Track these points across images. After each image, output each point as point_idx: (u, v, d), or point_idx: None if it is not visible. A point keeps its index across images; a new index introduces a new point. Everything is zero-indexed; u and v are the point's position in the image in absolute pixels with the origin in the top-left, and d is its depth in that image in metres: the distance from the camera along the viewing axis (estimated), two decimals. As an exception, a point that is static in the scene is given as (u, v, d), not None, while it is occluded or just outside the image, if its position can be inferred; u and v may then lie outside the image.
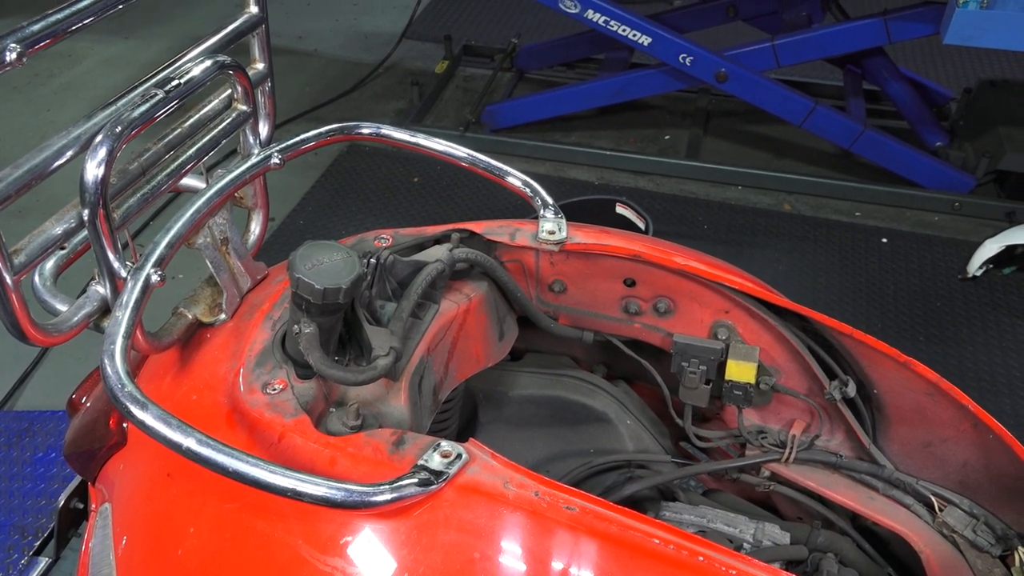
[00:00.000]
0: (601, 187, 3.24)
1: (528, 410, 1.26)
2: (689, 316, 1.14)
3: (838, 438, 1.14)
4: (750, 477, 1.16)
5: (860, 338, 1.02)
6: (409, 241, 1.10)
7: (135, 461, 1.00)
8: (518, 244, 1.11)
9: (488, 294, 1.12)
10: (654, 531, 0.74)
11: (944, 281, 2.84)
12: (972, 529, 1.03)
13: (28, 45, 0.73)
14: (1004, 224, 3.02)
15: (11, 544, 2.10)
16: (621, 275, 1.14)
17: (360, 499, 0.73)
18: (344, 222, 3.03)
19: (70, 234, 0.86)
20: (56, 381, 2.54)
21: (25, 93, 3.89)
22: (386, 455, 0.79)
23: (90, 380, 1.26)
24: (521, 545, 0.74)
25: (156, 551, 0.88)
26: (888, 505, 1.09)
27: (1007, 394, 2.45)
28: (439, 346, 1.04)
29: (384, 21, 4.35)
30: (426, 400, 0.99)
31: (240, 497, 0.81)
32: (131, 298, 0.84)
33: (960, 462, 1.04)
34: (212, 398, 0.91)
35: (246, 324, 0.98)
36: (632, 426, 1.24)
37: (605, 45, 3.53)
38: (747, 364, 1.08)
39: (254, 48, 1.07)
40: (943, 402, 1.01)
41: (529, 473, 0.78)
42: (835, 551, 1.08)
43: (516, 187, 1.15)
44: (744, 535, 1.06)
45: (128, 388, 0.76)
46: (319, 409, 0.88)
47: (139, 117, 0.83)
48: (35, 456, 2.34)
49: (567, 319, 1.20)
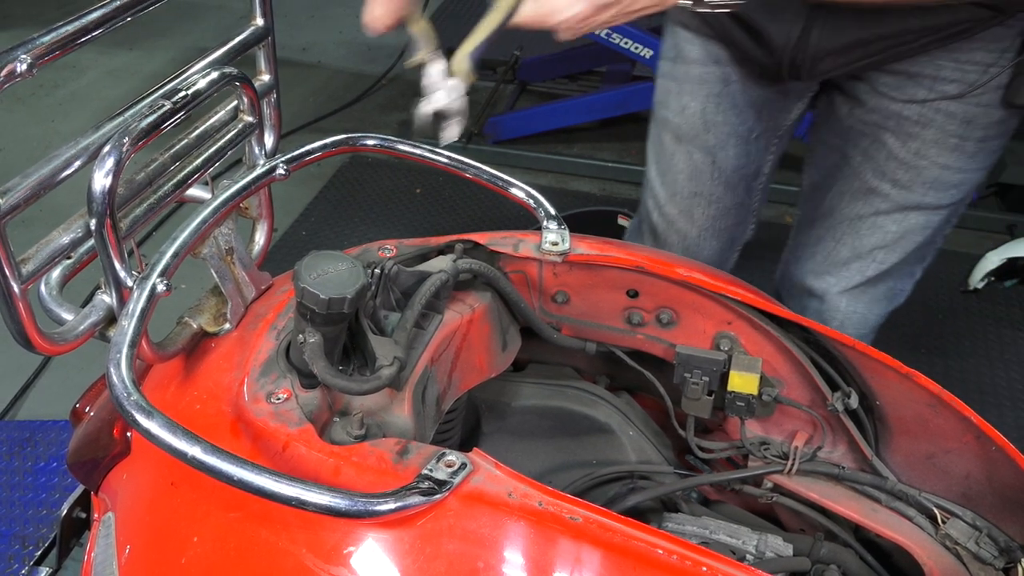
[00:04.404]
0: (603, 199, 3.25)
1: (531, 421, 1.27)
2: (692, 327, 1.14)
3: (840, 450, 1.14)
4: (752, 488, 1.16)
5: (862, 350, 1.03)
6: (413, 252, 1.10)
7: (139, 470, 1.00)
8: (521, 255, 1.12)
9: (491, 305, 1.13)
10: (658, 541, 0.74)
11: (946, 293, 2.84)
12: (975, 541, 1.03)
13: (38, 57, 0.74)
14: (1005, 237, 3.03)
15: (12, 554, 2.10)
16: (624, 286, 1.14)
17: (364, 508, 0.73)
18: (347, 232, 3.04)
19: (77, 243, 0.86)
20: (58, 391, 2.54)
21: (29, 104, 3.91)
22: (390, 464, 0.80)
23: (93, 390, 1.26)
24: (525, 555, 0.75)
25: (159, 560, 0.88)
26: (891, 517, 1.09)
27: (1009, 406, 2.44)
28: (442, 356, 1.04)
29: (388, 33, 4.37)
30: (429, 410, 1.00)
31: (244, 506, 0.81)
32: (137, 307, 0.85)
33: (963, 474, 1.04)
34: (216, 407, 0.91)
35: (250, 334, 0.98)
36: (635, 437, 1.25)
37: (607, 58, 3.55)
38: (750, 375, 1.09)
39: (260, 60, 1.08)
40: (946, 414, 1.01)
41: (533, 483, 0.78)
42: (838, 563, 1.08)
43: (519, 198, 1.16)
44: (747, 546, 1.06)
45: (134, 397, 0.76)
46: (323, 418, 0.88)
47: (146, 128, 0.83)
48: (36, 466, 2.34)
49: (570, 330, 1.21)
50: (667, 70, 1.55)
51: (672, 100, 1.54)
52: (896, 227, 1.45)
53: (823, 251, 1.55)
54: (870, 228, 1.47)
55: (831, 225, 1.52)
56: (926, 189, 1.39)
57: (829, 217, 1.52)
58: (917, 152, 1.36)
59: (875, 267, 1.51)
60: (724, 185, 1.58)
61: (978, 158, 1.36)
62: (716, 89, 1.48)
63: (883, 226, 1.46)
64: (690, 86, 1.50)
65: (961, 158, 1.35)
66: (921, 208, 1.42)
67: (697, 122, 1.52)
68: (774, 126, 1.57)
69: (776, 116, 1.55)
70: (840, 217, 1.50)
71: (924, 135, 1.34)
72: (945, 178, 1.38)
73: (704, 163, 1.55)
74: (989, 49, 1.24)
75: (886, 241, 1.47)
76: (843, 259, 1.52)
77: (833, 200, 1.51)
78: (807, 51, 1.31)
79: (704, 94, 1.49)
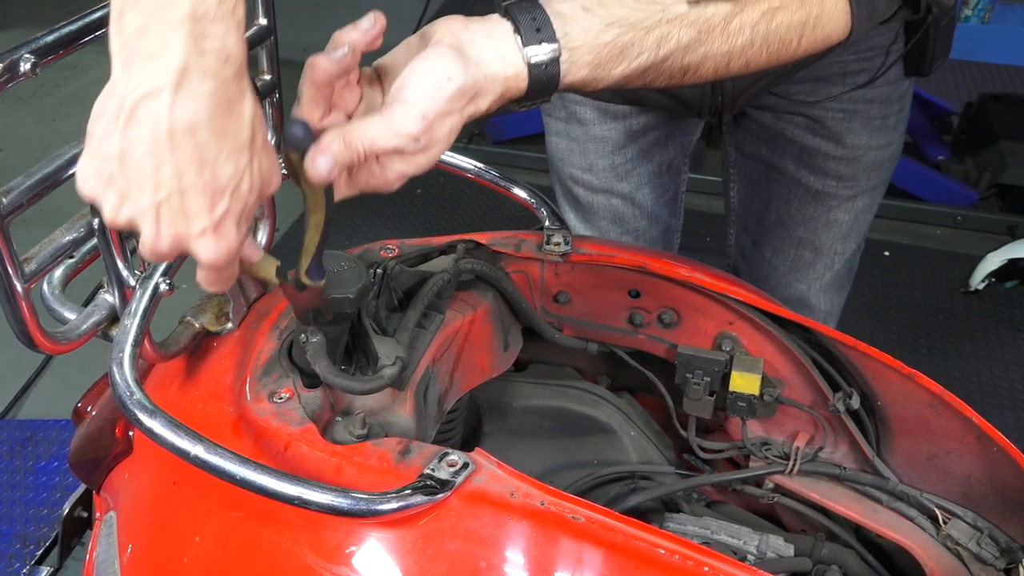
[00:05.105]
0: (604, 199, 3.24)
1: (532, 421, 1.27)
2: (693, 328, 1.14)
3: (842, 450, 1.14)
4: (754, 489, 1.16)
5: (864, 350, 1.03)
6: (415, 252, 1.10)
7: (141, 469, 1.00)
8: (523, 255, 1.12)
9: (493, 305, 1.13)
10: (660, 541, 0.74)
11: (947, 294, 2.85)
12: (976, 542, 1.03)
13: (42, 56, 0.74)
14: (1006, 238, 3.03)
15: (12, 553, 2.10)
16: (626, 286, 1.14)
17: (366, 507, 0.73)
18: (348, 232, 3.04)
19: (79, 243, 0.86)
20: (59, 391, 2.55)
21: (30, 104, 3.91)
22: (392, 464, 0.80)
23: (95, 389, 1.26)
24: (527, 554, 0.75)
25: (161, 559, 0.88)
26: (892, 517, 1.09)
27: (1009, 407, 2.45)
28: (444, 356, 1.04)
29: (388, 34, 4.37)
30: (431, 410, 1.00)
31: (246, 506, 0.81)
32: (140, 306, 0.85)
33: (964, 475, 1.04)
34: (218, 407, 0.91)
35: (253, 333, 0.98)
36: (636, 437, 1.25)
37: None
38: (751, 376, 1.09)
39: (262, 59, 1.08)
40: (947, 415, 1.01)
41: (535, 482, 0.78)
42: (839, 563, 1.08)
43: (522, 198, 1.16)
44: (748, 547, 1.06)
45: (137, 396, 0.76)
46: (325, 418, 0.88)
47: (149, 127, 0.83)
48: (37, 465, 2.34)
49: (571, 330, 1.21)
50: (561, 129, 1.54)
51: (576, 159, 1.53)
52: (848, 216, 1.48)
53: (784, 262, 1.56)
54: (826, 226, 1.49)
55: (785, 235, 1.53)
56: (868, 173, 1.43)
57: (781, 228, 1.53)
58: (851, 144, 1.39)
59: (839, 259, 1.54)
60: (648, 219, 1.59)
61: (900, 127, 1.42)
62: (621, 143, 1.48)
63: (836, 219, 1.48)
64: (593, 145, 1.50)
65: (889, 134, 1.40)
66: (867, 190, 1.46)
67: (608, 175, 1.52)
68: (683, 150, 1.58)
69: (683, 139, 1.56)
70: (792, 224, 1.51)
71: (852, 127, 1.37)
72: (881, 157, 1.42)
73: (624, 206, 1.56)
74: (882, 32, 1.26)
75: (842, 232, 1.50)
76: (807, 261, 1.54)
77: (779, 211, 1.51)
78: (724, 94, 1.33)
79: (609, 151, 1.49)
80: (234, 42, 0.63)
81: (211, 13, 0.61)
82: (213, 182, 0.64)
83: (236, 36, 0.63)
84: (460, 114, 0.77)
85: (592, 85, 0.83)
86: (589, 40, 0.80)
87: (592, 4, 0.81)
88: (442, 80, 0.74)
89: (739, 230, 1.65)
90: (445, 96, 0.75)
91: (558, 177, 1.61)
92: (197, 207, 0.65)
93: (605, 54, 0.81)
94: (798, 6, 0.88)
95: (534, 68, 0.79)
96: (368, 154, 0.74)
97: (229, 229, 0.68)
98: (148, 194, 0.63)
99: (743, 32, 0.86)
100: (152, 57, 0.61)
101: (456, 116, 0.77)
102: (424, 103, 0.74)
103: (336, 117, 0.79)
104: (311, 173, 0.72)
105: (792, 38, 0.89)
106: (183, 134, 0.62)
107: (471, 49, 0.77)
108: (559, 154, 1.57)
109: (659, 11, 0.82)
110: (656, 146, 1.51)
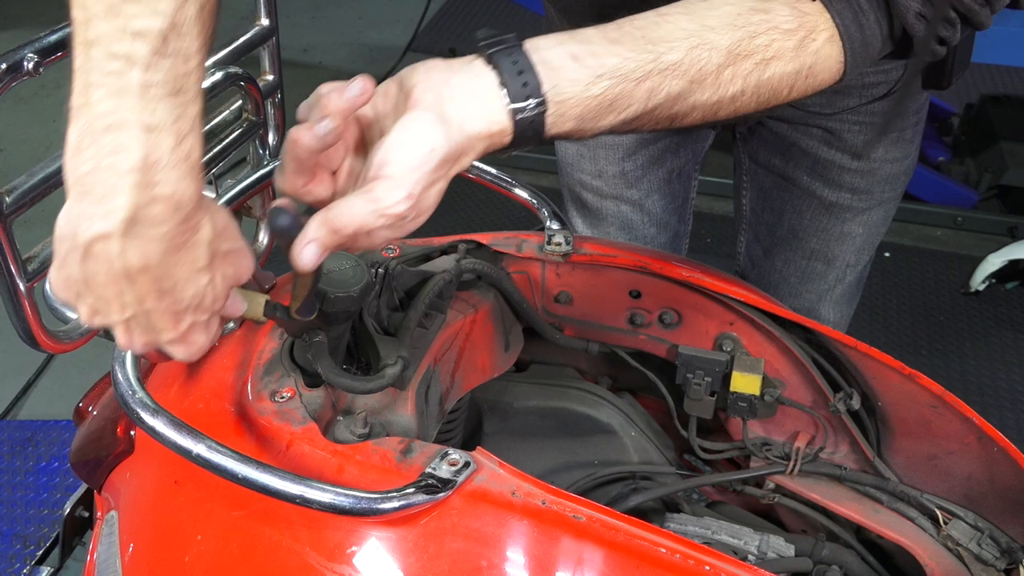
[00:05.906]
0: (604, 200, 3.25)
1: (533, 421, 1.27)
2: (694, 328, 1.14)
3: (842, 450, 1.14)
4: (754, 489, 1.17)
5: (864, 350, 1.03)
6: (416, 252, 1.10)
7: (142, 469, 1.01)
8: (525, 255, 1.12)
9: (494, 305, 1.13)
10: (661, 540, 0.74)
11: (947, 295, 2.85)
12: (977, 542, 1.03)
13: (44, 56, 0.74)
14: (1007, 239, 3.04)
15: (13, 553, 2.10)
16: (627, 287, 1.14)
17: (368, 506, 0.73)
18: (348, 233, 3.04)
19: (82, 242, 0.86)
20: (59, 391, 2.55)
21: (31, 104, 3.91)
22: (394, 463, 0.80)
23: (96, 389, 1.26)
24: (528, 553, 0.75)
25: (163, 558, 0.89)
26: (892, 518, 1.09)
27: (1010, 408, 2.45)
28: (445, 356, 1.05)
29: (389, 34, 4.38)
30: (432, 409, 1.00)
31: (248, 505, 0.81)
32: (141, 306, 0.85)
33: (965, 475, 1.05)
34: (220, 406, 0.91)
35: (254, 333, 0.98)
36: (637, 438, 1.25)
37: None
38: (752, 376, 1.09)
39: (264, 60, 1.09)
40: (948, 415, 1.01)
41: (536, 482, 0.78)
42: (839, 563, 1.08)
43: (523, 199, 1.16)
44: (749, 547, 1.06)
45: (139, 395, 0.77)
46: (327, 417, 0.88)
47: (151, 127, 0.83)
48: (38, 465, 2.34)
49: (572, 330, 1.21)
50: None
51: (586, 164, 1.52)
52: (862, 228, 1.47)
53: (795, 272, 1.55)
54: (839, 238, 1.48)
55: (798, 246, 1.52)
56: (883, 186, 1.42)
57: (793, 239, 1.51)
58: (866, 157, 1.37)
59: (851, 271, 1.53)
60: (656, 226, 1.58)
61: (916, 139, 1.41)
62: (632, 149, 1.46)
63: (850, 232, 1.47)
64: (603, 151, 1.48)
65: (905, 146, 1.39)
66: (881, 203, 1.45)
67: (618, 182, 1.51)
68: (694, 156, 1.57)
69: (695, 146, 1.55)
70: (805, 236, 1.50)
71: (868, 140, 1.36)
72: (896, 170, 1.41)
73: (633, 213, 1.55)
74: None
75: (856, 245, 1.49)
76: (819, 273, 1.53)
77: (792, 221, 1.50)
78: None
79: (619, 157, 1.47)
80: (186, 186, 0.63)
81: (164, 160, 0.61)
82: (174, 305, 0.67)
83: (189, 180, 0.64)
84: (445, 179, 0.75)
85: (577, 135, 0.80)
86: (578, 93, 0.76)
87: (581, 52, 0.76)
88: (425, 152, 0.71)
89: (750, 239, 1.63)
90: (429, 168, 0.72)
91: (566, 182, 1.60)
92: (162, 324, 0.69)
93: (594, 107, 0.77)
94: (792, 56, 0.85)
95: (519, 123, 0.75)
96: (355, 235, 0.73)
97: (197, 337, 0.72)
98: (115, 312, 0.67)
99: (735, 82, 0.83)
100: (102, 201, 0.61)
101: (442, 182, 0.75)
102: (408, 181, 0.71)
103: (321, 179, 0.77)
104: (298, 264, 0.72)
105: (784, 88, 0.87)
106: (137, 272, 0.64)
107: (453, 108, 0.73)
108: (568, 159, 1.55)
109: (651, 60, 0.78)
110: (667, 152, 1.49)
